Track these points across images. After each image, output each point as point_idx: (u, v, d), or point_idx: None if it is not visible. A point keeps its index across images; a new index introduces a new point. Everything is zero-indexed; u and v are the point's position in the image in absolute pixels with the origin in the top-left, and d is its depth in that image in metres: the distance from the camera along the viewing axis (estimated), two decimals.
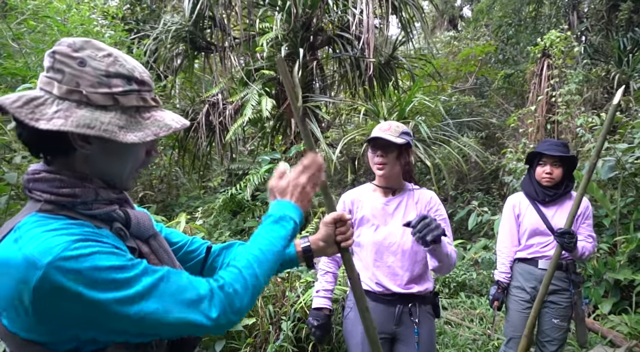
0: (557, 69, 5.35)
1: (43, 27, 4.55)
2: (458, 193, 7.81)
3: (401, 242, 1.72)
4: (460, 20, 13.17)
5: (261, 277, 0.85)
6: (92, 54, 0.77)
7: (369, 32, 5.10)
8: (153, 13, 7.28)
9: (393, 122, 1.76)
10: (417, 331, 1.73)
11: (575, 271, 2.38)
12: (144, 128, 0.80)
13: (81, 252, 0.69)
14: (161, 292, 0.74)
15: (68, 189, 0.77)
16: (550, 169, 2.34)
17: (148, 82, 0.84)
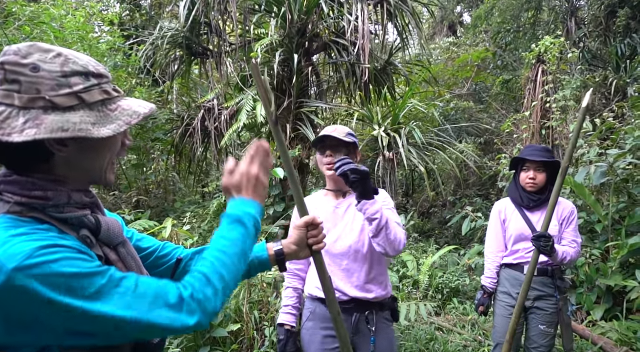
0: (551, 75, 5.35)
1: (39, 33, 4.60)
2: (456, 199, 7.80)
3: (353, 243, 1.71)
4: (459, 26, 13.21)
5: (228, 279, 0.85)
6: (42, 57, 0.76)
7: (364, 38, 5.12)
8: (151, 19, 7.35)
9: (338, 126, 1.79)
10: (374, 339, 1.72)
11: (560, 277, 2.37)
12: (115, 119, 0.80)
13: (47, 258, 0.69)
14: (130, 299, 0.74)
15: (40, 192, 0.78)
16: (533, 174, 2.34)
17: (105, 73, 0.84)
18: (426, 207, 8.54)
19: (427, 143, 5.53)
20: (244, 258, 0.91)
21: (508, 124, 5.67)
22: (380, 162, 4.91)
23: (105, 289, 0.72)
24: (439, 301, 4.35)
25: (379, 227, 1.56)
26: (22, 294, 0.67)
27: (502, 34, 9.41)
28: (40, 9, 4.84)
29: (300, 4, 5.11)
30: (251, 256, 1.19)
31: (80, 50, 4.76)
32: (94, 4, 5.58)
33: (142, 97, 5.60)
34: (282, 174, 4.85)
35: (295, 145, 5.33)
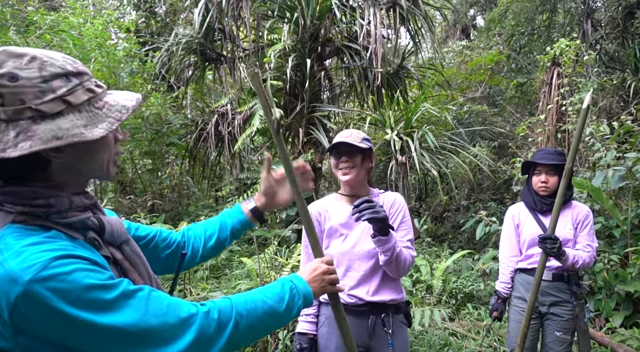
0: (567, 78, 5.27)
1: (59, 41, 4.72)
2: (470, 203, 7.72)
3: (371, 248, 1.70)
4: (473, 29, 13.13)
5: (245, 322, 0.86)
6: (17, 63, 0.73)
7: (376, 43, 5.14)
8: (167, 26, 7.48)
9: (354, 130, 1.78)
10: (391, 342, 1.71)
11: (577, 283, 2.33)
12: (105, 118, 0.79)
13: (62, 270, 0.69)
14: (142, 313, 0.74)
15: (42, 200, 0.77)
16: (545, 178, 2.32)
17: (84, 71, 0.81)
18: (439, 212, 8.47)
19: (440, 147, 5.50)
20: (267, 319, 0.91)
21: (523, 127, 5.60)
22: (393, 166, 4.89)
23: (117, 302, 0.73)
24: (453, 306, 4.30)
25: (389, 261, 1.62)
26: (37, 306, 0.67)
27: (516, 37, 9.31)
28: (60, 18, 4.98)
29: (312, 9, 5.15)
30: (231, 223, 1.24)
31: (98, 58, 4.87)
32: (111, 12, 5.71)
33: (157, 102, 5.69)
34: None
35: (308, 150, 5.36)
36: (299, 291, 0.99)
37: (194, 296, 2.82)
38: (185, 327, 0.78)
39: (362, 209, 1.48)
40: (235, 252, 4.66)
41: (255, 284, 2.97)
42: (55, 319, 0.68)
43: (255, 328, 0.89)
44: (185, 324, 0.78)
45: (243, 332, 0.86)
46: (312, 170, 4.20)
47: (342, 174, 1.75)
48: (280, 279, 0.99)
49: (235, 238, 1.27)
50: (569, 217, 2.33)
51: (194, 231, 1.24)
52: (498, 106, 9.25)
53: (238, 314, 0.85)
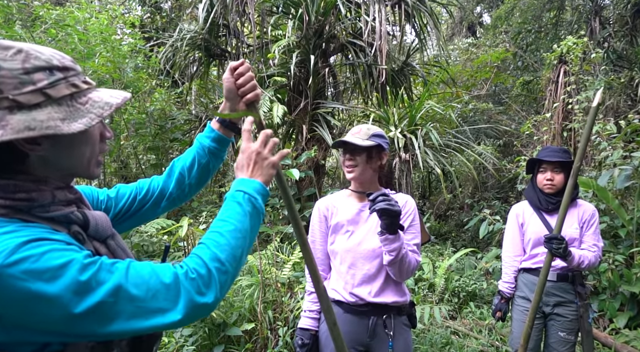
0: (574, 76, 5.22)
1: (64, 36, 4.73)
2: (474, 201, 7.68)
3: (377, 247, 1.68)
4: (479, 27, 13.03)
5: (225, 258, 0.83)
6: (1, 55, 0.74)
7: (381, 39, 5.11)
8: (171, 22, 7.48)
9: (364, 126, 1.74)
10: (392, 344, 1.68)
11: (581, 283, 2.30)
12: (86, 113, 0.78)
13: (33, 251, 0.68)
14: (124, 286, 0.72)
15: (24, 194, 0.76)
16: (550, 176, 2.29)
17: (71, 66, 0.80)
18: (443, 210, 8.44)
19: (445, 145, 5.47)
20: (242, 235, 0.88)
21: (528, 125, 5.56)
22: (397, 164, 4.87)
23: (97, 276, 0.71)
24: (455, 305, 4.29)
25: (393, 262, 1.59)
26: (11, 292, 0.65)
27: (523, 35, 9.23)
28: (65, 12, 4.98)
29: (317, 5, 5.13)
30: (206, 142, 1.21)
31: (103, 52, 4.88)
32: (116, 7, 5.71)
33: (161, 98, 5.70)
34: (297, 175, 4.88)
35: (312, 146, 5.34)
36: (252, 194, 0.93)
37: None
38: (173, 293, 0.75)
39: (377, 200, 1.46)
40: None
41: (256, 281, 2.97)
42: (35, 303, 0.66)
43: (236, 256, 0.85)
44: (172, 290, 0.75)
45: (229, 267, 0.83)
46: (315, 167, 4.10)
47: (347, 171, 1.74)
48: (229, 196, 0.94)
49: (217, 158, 1.23)
50: (575, 216, 2.29)
51: (175, 167, 1.21)
52: (503, 104, 9.19)
53: (213, 259, 0.82)
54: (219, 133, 1.20)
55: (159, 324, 0.74)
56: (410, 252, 1.65)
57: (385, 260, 1.61)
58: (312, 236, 1.84)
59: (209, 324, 2.70)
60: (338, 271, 1.76)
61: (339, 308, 1.74)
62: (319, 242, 1.82)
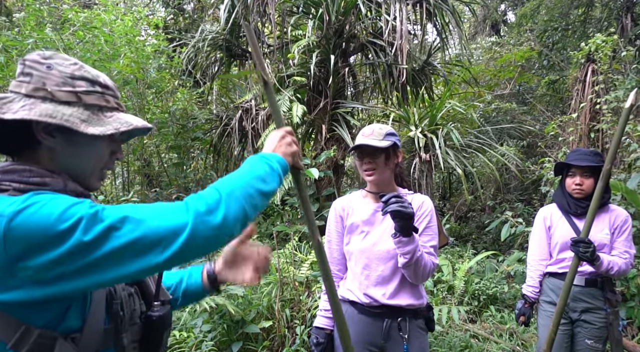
0: (602, 75, 5.06)
1: (91, 38, 4.86)
2: (496, 203, 7.53)
3: (392, 249, 1.65)
4: (503, 25, 12.77)
5: (238, 190, 0.84)
6: (60, 61, 0.85)
7: (402, 39, 5.06)
8: (194, 23, 7.60)
9: (375, 126, 1.70)
10: (407, 347, 1.66)
11: (611, 289, 2.22)
12: (106, 124, 0.85)
13: (43, 197, 0.73)
14: (131, 214, 0.74)
15: (38, 178, 0.81)
16: (580, 180, 2.21)
17: (112, 87, 0.90)
18: (464, 211, 8.31)
19: (466, 145, 5.38)
20: (257, 177, 0.90)
21: (553, 126, 5.41)
22: (417, 164, 4.82)
23: (104, 211, 0.74)
24: (475, 308, 4.21)
25: (408, 265, 1.57)
26: (26, 230, 0.68)
27: (549, 33, 9.00)
28: (92, 15, 5.12)
29: (337, 5, 5.12)
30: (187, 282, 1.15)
31: (127, 53, 4.99)
32: (141, 9, 5.84)
33: (183, 97, 5.79)
34: (316, 175, 4.88)
35: (331, 146, 5.34)
36: (269, 157, 0.98)
37: None
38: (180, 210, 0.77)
39: (389, 202, 1.44)
40: None
41: (274, 279, 2.99)
42: (46, 241, 0.69)
43: (250, 192, 0.86)
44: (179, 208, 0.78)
45: (241, 198, 0.83)
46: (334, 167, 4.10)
47: (366, 175, 1.71)
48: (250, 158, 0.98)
49: (186, 302, 1.17)
50: (606, 221, 2.21)
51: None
52: (528, 104, 8.98)
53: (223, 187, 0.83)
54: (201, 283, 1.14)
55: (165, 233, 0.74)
56: (427, 254, 1.62)
57: (400, 262, 1.59)
58: (329, 235, 1.84)
59: (228, 321, 2.74)
60: (353, 271, 1.76)
61: (353, 309, 1.73)
62: (335, 242, 1.82)
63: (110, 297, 0.86)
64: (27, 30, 4.50)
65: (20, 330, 0.74)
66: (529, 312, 2.39)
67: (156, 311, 0.94)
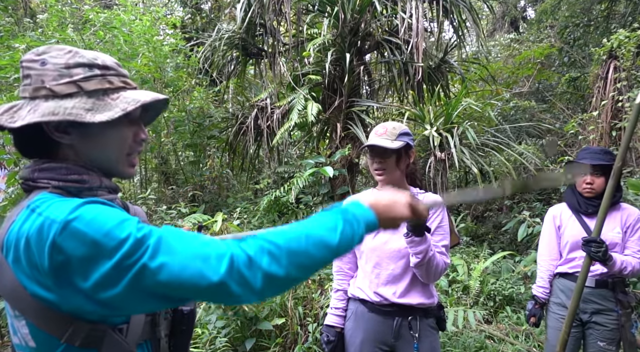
0: (625, 72, 4.92)
1: (111, 38, 4.96)
2: (514, 203, 7.40)
3: (402, 248, 1.65)
4: (522, 21, 12.52)
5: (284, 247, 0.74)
6: (54, 53, 0.83)
7: (418, 36, 5.02)
8: (211, 22, 7.68)
9: (389, 124, 1.68)
10: (417, 346, 1.66)
11: (623, 290, 2.18)
12: (113, 107, 0.82)
13: (96, 207, 0.73)
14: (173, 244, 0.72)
15: (76, 175, 0.82)
16: (590, 179, 2.18)
17: (112, 66, 0.86)
18: (480, 211, 8.19)
19: (482, 144, 5.31)
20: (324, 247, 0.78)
21: (573, 124, 5.29)
22: (432, 163, 4.78)
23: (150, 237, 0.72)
24: (490, 309, 4.16)
25: (420, 264, 1.58)
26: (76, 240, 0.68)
27: (570, 29, 8.78)
28: (112, 15, 5.23)
29: (353, 3, 5.11)
30: None
31: (145, 53, 5.08)
32: (159, 8, 5.93)
33: (200, 96, 5.86)
34: (331, 173, 4.89)
35: (346, 145, 5.34)
36: (357, 217, 0.83)
37: None
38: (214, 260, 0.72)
39: None
40: None
41: None
42: (92, 253, 0.69)
43: (302, 264, 0.76)
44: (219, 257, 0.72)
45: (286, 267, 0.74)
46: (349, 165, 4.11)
47: (377, 175, 1.71)
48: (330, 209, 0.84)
49: None
50: (618, 220, 2.18)
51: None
52: (547, 102, 8.79)
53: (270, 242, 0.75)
54: None
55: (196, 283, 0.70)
56: (438, 254, 1.62)
57: (412, 262, 1.60)
58: None
59: (241, 318, 2.77)
60: (364, 269, 1.76)
61: (363, 307, 1.74)
62: None
63: None
64: (50, 30, 4.63)
65: (72, 326, 0.76)
66: (539, 313, 2.37)
67: (186, 306, 0.97)
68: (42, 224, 0.71)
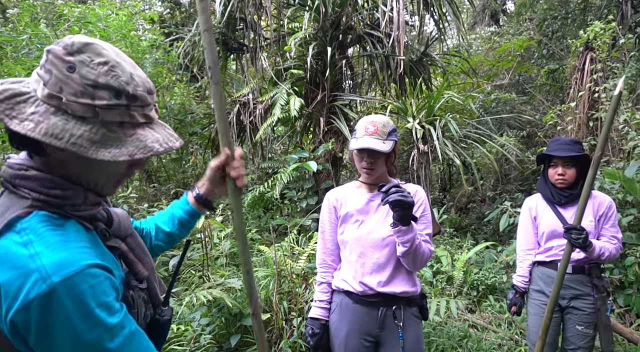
0: (601, 63, 5.02)
1: (86, 33, 4.84)
2: (496, 194, 7.52)
3: (387, 237, 1.67)
4: (502, 14, 12.66)
5: None
6: (87, 59, 0.73)
7: (399, 30, 5.02)
8: (190, 17, 7.55)
9: (378, 120, 1.67)
10: (402, 335, 1.68)
11: (598, 275, 2.25)
12: (121, 146, 0.75)
13: (91, 281, 0.69)
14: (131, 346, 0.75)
15: (59, 191, 0.77)
16: (562, 170, 2.24)
17: (142, 97, 0.78)
18: (464, 203, 8.30)
19: (465, 136, 5.37)
20: None
21: (551, 115, 5.38)
22: (415, 156, 4.82)
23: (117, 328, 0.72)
24: (474, 298, 4.23)
25: (407, 253, 1.60)
26: (53, 308, 0.66)
27: (548, 22, 8.92)
28: (87, 10, 5.10)
29: None
30: (178, 213, 1.20)
31: (122, 48, 4.97)
32: (136, 3, 5.80)
33: (181, 92, 5.77)
34: (315, 167, 4.88)
35: (329, 139, 5.33)
36: None
37: (212, 282, 2.88)
38: None
39: (390, 192, 1.45)
40: (256, 241, 4.72)
41: (272, 272, 3.00)
42: (64, 327, 0.67)
43: None
44: None
45: None
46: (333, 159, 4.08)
47: (365, 173, 1.72)
48: None
49: (185, 229, 1.23)
50: (590, 208, 2.23)
51: (147, 223, 1.22)
52: (527, 94, 8.94)
53: None
54: (192, 207, 1.20)
55: None
56: (423, 242, 1.65)
57: (399, 251, 1.61)
58: (322, 226, 1.85)
59: (226, 314, 2.75)
60: (348, 260, 1.77)
61: (348, 299, 1.74)
62: (329, 233, 1.83)
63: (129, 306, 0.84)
64: (22, 26, 4.48)
65: None
66: (520, 301, 2.42)
67: (164, 315, 0.95)
68: (30, 272, 0.66)
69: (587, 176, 1.79)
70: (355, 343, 1.72)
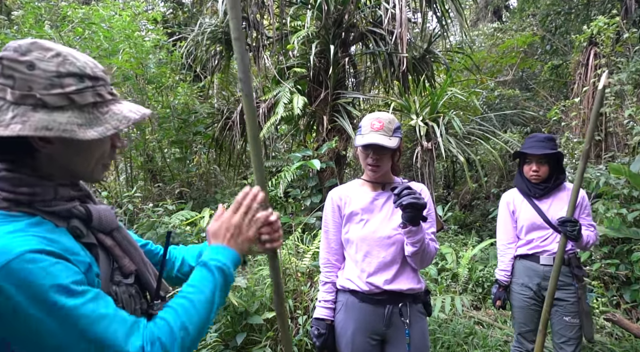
0: (605, 58, 4.99)
1: (90, 34, 4.86)
2: (501, 191, 7.50)
3: (392, 235, 1.68)
4: (505, 10, 12.60)
5: (191, 328, 0.85)
6: (40, 55, 0.77)
7: (402, 27, 5.01)
8: (193, 16, 7.57)
9: (383, 117, 1.67)
10: (408, 332, 1.68)
11: (578, 265, 2.33)
12: (104, 123, 0.81)
13: (31, 266, 0.69)
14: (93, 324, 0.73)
15: (26, 188, 0.79)
16: (536, 167, 2.33)
17: (102, 76, 0.84)
18: (468, 200, 8.28)
19: (468, 133, 5.36)
20: (210, 307, 0.90)
21: (555, 111, 5.36)
22: (419, 153, 4.81)
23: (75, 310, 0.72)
24: (479, 295, 4.23)
25: (416, 253, 1.62)
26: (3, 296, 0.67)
27: (551, 17, 8.87)
28: (90, 11, 5.12)
29: None
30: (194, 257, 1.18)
31: (126, 49, 4.99)
32: (139, 3, 5.81)
33: (184, 92, 5.79)
34: (318, 166, 4.88)
35: (332, 137, 5.33)
36: (228, 265, 0.95)
37: None
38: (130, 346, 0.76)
39: (402, 195, 1.47)
40: None
41: None
42: (11, 312, 0.68)
43: (201, 328, 0.88)
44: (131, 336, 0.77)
45: (193, 336, 0.86)
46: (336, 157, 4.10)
47: (370, 170, 1.73)
48: (204, 263, 0.95)
49: None
50: (565, 200, 2.31)
51: (176, 252, 1.22)
52: (531, 90, 8.89)
53: (182, 329, 0.84)
54: None
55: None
56: (430, 241, 1.67)
57: (408, 251, 1.63)
58: (326, 225, 1.85)
59: (232, 313, 2.77)
60: (353, 259, 1.77)
61: (354, 298, 1.75)
62: (333, 232, 1.83)
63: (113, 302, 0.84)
64: (26, 27, 4.51)
65: None
66: (503, 295, 2.48)
67: (157, 309, 0.94)
68: None
69: (578, 168, 1.88)
70: (362, 342, 1.72)
